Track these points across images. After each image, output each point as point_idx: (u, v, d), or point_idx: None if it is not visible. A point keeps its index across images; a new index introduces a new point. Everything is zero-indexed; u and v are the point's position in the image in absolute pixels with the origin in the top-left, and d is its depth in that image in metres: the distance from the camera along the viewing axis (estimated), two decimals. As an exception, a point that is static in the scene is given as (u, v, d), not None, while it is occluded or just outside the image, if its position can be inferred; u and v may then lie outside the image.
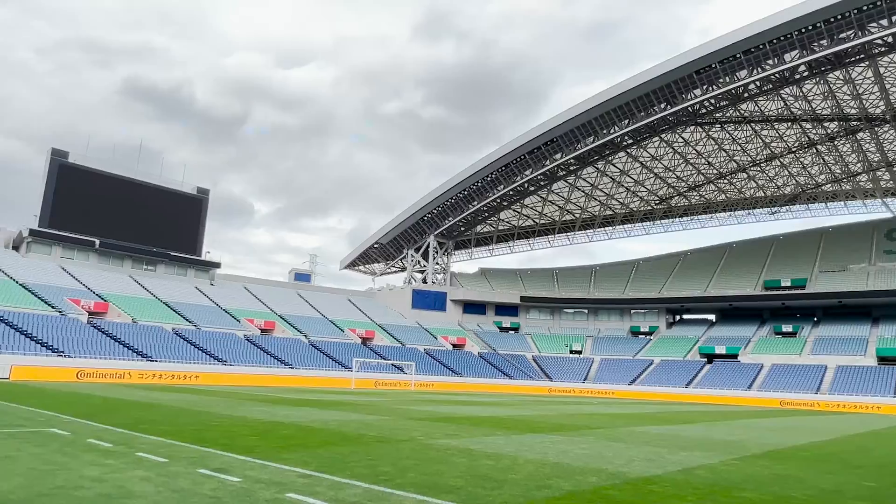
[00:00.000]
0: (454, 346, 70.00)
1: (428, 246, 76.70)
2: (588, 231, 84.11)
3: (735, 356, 64.27)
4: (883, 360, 56.96)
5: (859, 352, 58.91)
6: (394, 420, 19.23)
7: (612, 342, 74.29)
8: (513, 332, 79.43)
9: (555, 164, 62.57)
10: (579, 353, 72.70)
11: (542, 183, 67.66)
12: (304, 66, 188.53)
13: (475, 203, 69.55)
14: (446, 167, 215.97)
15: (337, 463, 10.05)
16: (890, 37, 44.19)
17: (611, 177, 70.24)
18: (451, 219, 72.79)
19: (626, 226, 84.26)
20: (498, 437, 15.60)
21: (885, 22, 42.99)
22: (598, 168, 67.45)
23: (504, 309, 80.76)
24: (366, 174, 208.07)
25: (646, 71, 52.90)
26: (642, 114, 55.53)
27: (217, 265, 66.10)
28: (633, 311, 78.86)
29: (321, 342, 59.27)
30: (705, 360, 65.27)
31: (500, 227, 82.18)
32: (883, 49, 45.96)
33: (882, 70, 51.19)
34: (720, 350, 65.62)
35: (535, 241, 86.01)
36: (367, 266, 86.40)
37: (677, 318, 79.46)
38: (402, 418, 20.08)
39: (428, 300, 76.59)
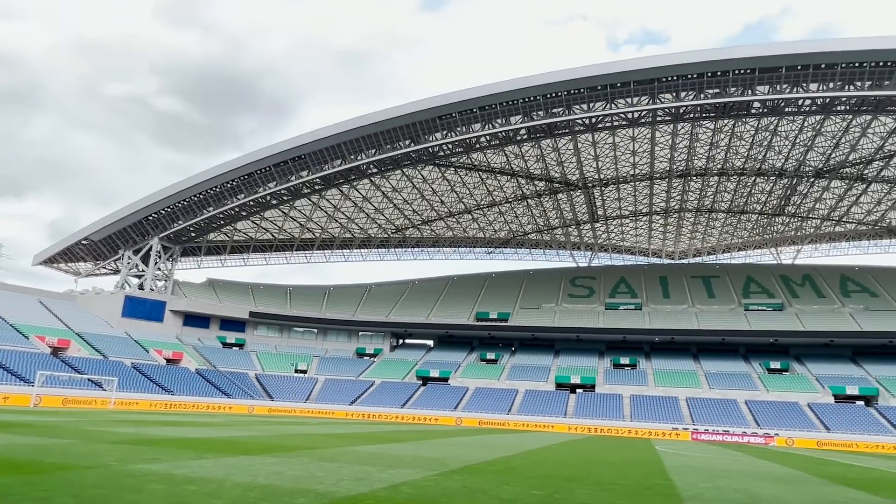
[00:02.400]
0: (169, 360, 63.98)
1: (150, 249, 69.42)
2: (326, 251, 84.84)
3: (446, 379, 70.28)
4: (559, 385, 67.71)
5: (542, 378, 69.13)
6: (82, 444, 16.81)
7: (337, 363, 75.43)
8: (237, 348, 75.65)
9: (301, 181, 62.14)
10: (304, 372, 72.23)
11: (285, 198, 66.50)
12: (10, 21, 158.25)
13: (211, 209, 65.25)
14: (181, 166, 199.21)
15: (-2, 496, 8.45)
16: (588, 119, 53.90)
17: (354, 201, 72.20)
18: (181, 222, 67.09)
19: (362, 250, 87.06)
20: (206, 459, 14.68)
21: (585, 107, 52.36)
22: (342, 191, 68.83)
23: (230, 324, 76.62)
24: (81, 159, 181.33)
25: (396, 107, 56.01)
26: (388, 146, 58.49)
27: None
28: (360, 333, 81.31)
29: (-6, 350, 49.17)
30: (421, 382, 70.12)
31: (236, 238, 78.34)
32: (582, 129, 55.80)
33: (580, 146, 62.03)
34: (435, 373, 71.16)
35: (272, 256, 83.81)
36: (70, 264, 74.63)
37: (401, 342, 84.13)
38: (94, 441, 17.67)
39: (143, 309, 68.99)
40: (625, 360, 72.33)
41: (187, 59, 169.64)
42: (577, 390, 66.48)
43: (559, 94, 51.59)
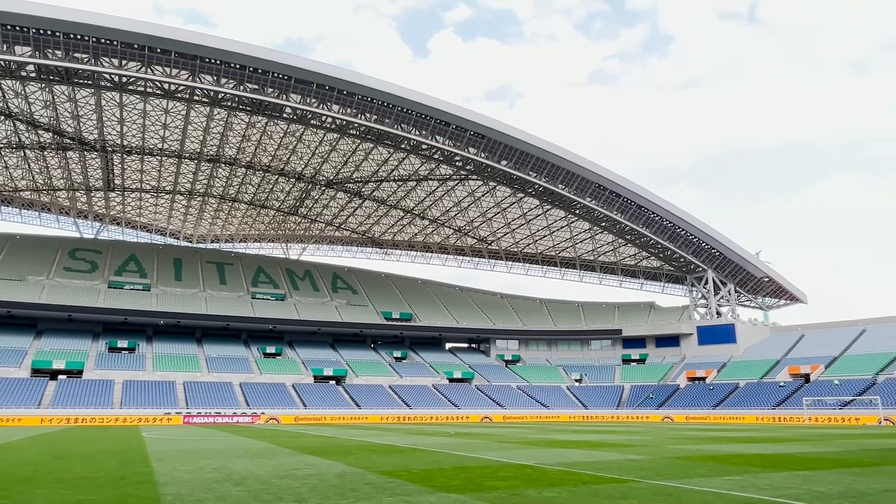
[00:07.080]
0: None
1: None
2: None
3: None
4: (37, 371, 58.26)
5: (15, 364, 58.31)
6: None
7: None
8: None
9: None
10: None
11: None
12: None
13: None
14: None
15: None
16: (117, 77, 48.52)
17: None
18: None
19: None
20: None
21: (116, 62, 47.03)
22: None
23: None
24: None
25: None
26: None
27: None
28: None
29: None
30: None
31: None
32: (109, 85, 49.87)
33: (104, 103, 55.31)
34: None
35: None
36: None
37: None
38: None
39: None
40: (123, 344, 67.34)
41: None
42: (61, 376, 58.44)
43: (87, 38, 44.98)
